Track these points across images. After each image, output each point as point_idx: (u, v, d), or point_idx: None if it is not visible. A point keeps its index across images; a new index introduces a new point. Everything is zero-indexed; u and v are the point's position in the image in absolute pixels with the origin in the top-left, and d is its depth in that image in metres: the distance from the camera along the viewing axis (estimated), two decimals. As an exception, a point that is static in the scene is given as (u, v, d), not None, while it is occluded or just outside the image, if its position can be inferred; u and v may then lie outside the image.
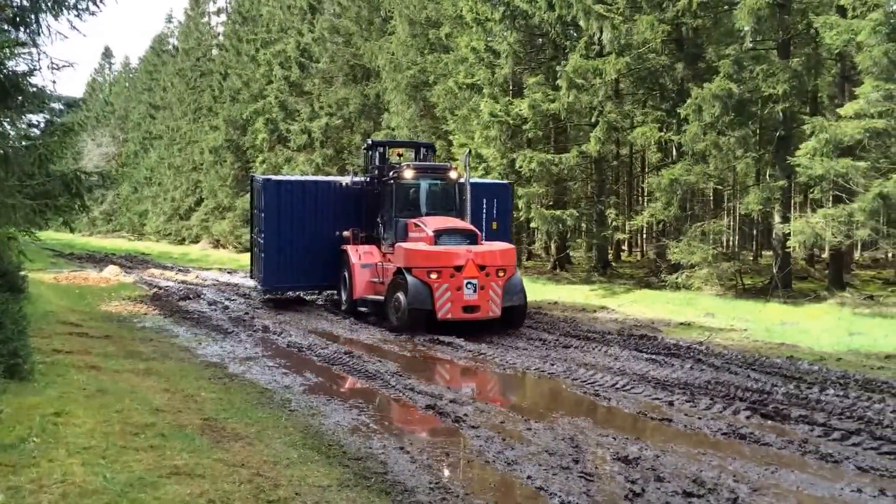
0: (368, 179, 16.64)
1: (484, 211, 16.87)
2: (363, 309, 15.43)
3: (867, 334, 12.75)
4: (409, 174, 14.98)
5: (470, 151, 18.42)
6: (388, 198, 15.44)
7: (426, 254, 13.34)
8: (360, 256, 15.52)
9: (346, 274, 15.92)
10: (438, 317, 13.12)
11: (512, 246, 14.75)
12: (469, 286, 13.16)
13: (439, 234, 13.84)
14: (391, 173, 15.33)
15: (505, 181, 19.85)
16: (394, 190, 15.18)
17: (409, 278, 13.20)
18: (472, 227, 14.54)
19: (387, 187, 15.50)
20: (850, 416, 7.85)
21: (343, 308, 16.22)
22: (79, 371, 8.83)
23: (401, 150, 17.97)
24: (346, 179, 17.13)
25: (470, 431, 7.33)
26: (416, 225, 14.33)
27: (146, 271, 26.83)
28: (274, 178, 18.17)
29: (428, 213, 14.96)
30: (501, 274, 13.49)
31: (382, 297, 14.44)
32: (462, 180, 15.29)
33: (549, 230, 22.48)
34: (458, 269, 13.17)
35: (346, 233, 16.29)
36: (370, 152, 16.93)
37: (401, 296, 13.43)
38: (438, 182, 15.58)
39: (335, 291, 17.14)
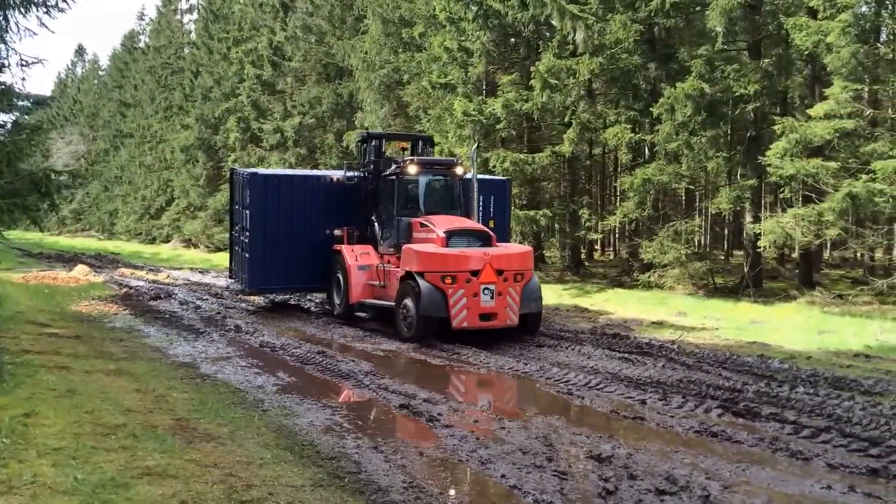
0: (363, 174, 15.41)
1: (480, 208, 15.65)
2: (362, 314, 14.43)
3: (836, 333, 12.94)
4: (412, 169, 13.89)
5: (478, 145, 17.20)
6: (387, 194, 14.42)
7: (439, 257, 12.30)
8: (357, 257, 14.53)
9: (341, 276, 14.85)
10: (453, 325, 12.08)
11: (529, 248, 13.97)
12: (486, 292, 12.18)
13: (451, 236, 12.83)
14: (394, 168, 14.22)
15: (502, 177, 18.99)
16: (395, 186, 14.10)
17: (422, 283, 12.14)
18: (484, 228, 13.66)
19: (386, 183, 14.46)
20: (819, 413, 7.95)
21: (336, 313, 15.16)
22: (48, 371, 8.70)
23: (404, 144, 16.84)
24: (337, 174, 16.13)
25: (444, 431, 7.32)
26: (423, 225, 13.34)
27: (116, 271, 26.48)
28: (261, 171, 17.10)
29: (431, 212, 13.88)
30: (519, 278, 12.53)
31: (383, 302, 13.69)
32: (469, 176, 14.29)
33: (522, 230, 22.55)
34: (475, 273, 12.16)
35: (337, 231, 15.24)
36: (365, 145, 15.68)
37: (410, 303, 12.43)
38: (443, 178, 14.56)
39: (326, 294, 16.05)
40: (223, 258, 34.70)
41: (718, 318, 14.69)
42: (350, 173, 15.73)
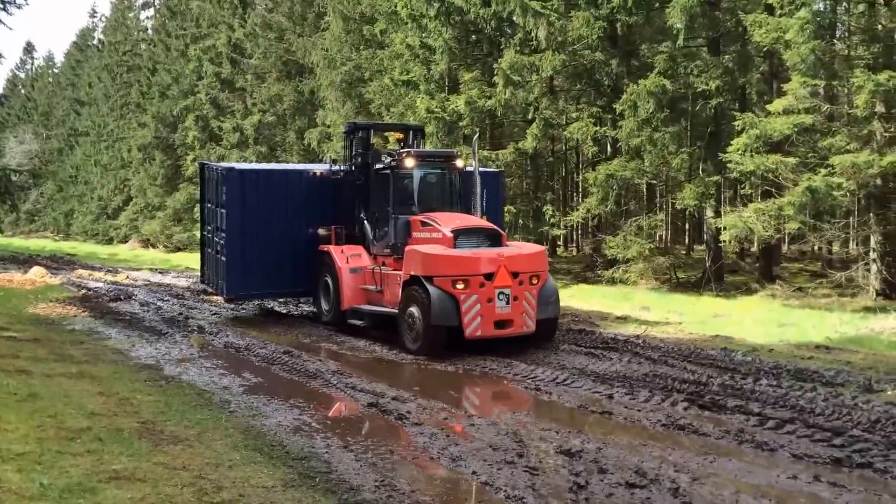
0: (350, 168, 14.21)
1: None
2: (356, 322, 13.09)
3: (797, 325, 13.16)
4: (410, 162, 12.68)
5: (480, 135, 15.88)
6: (380, 190, 13.22)
7: (449, 259, 11.16)
8: (348, 259, 13.31)
9: (329, 280, 13.62)
10: (466, 335, 10.94)
11: (543, 247, 13.05)
12: (501, 297, 11.04)
13: (458, 235, 11.73)
14: (388, 161, 13.10)
15: (495, 169, 17.94)
16: (391, 181, 12.88)
17: (432, 289, 10.96)
18: (493, 226, 12.70)
19: (380, 178, 13.30)
20: (783, 405, 8.08)
21: (325, 319, 13.97)
22: (8, 375, 8.50)
23: (399, 135, 15.39)
24: (319, 168, 14.94)
25: (413, 429, 7.31)
26: (425, 223, 12.21)
27: (74, 272, 25.92)
28: (237, 166, 15.73)
29: (430, 209, 12.72)
30: (535, 281, 11.51)
31: (381, 309, 12.63)
32: (470, 169, 13.25)
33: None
34: (489, 276, 11.05)
35: (322, 230, 14.07)
36: (351, 137, 14.31)
37: (416, 310, 11.23)
38: (442, 172, 13.42)
39: (312, 299, 14.91)
40: (183, 258, 34.37)
41: (682, 313, 14.88)
42: (336, 167, 14.55)
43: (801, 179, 15.89)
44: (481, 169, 14.19)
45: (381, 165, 13.40)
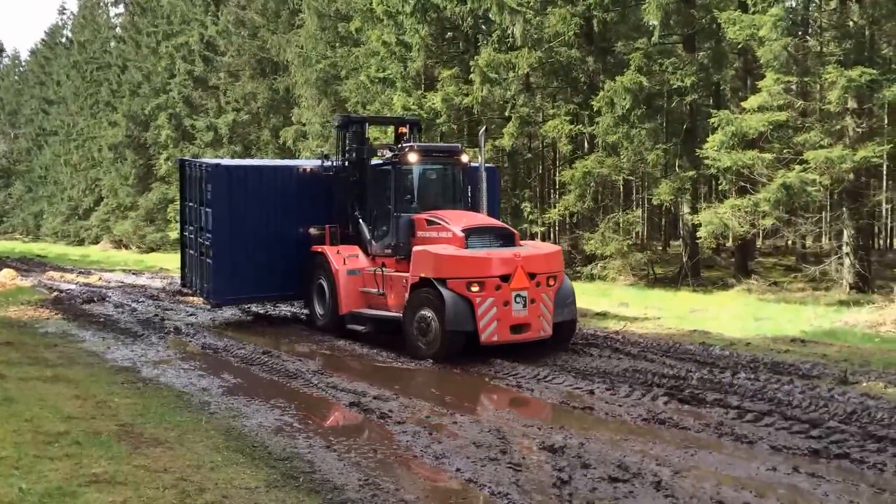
0: (342, 164, 13.46)
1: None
2: (356, 327, 12.31)
3: (773, 319, 13.34)
4: (413, 157, 12.02)
5: (486, 129, 15.15)
6: (379, 187, 12.63)
7: (463, 260, 10.58)
8: (345, 261, 12.59)
9: (324, 282, 12.87)
10: (482, 340, 10.36)
11: (558, 247, 12.67)
12: (518, 300, 10.48)
13: (469, 234, 11.17)
14: (390, 156, 12.41)
15: (491, 164, 17.41)
16: (393, 178, 12.21)
17: (446, 292, 10.38)
18: (505, 225, 12.27)
19: (379, 174, 12.71)
20: (761, 398, 8.18)
21: (320, 324, 13.13)
22: (-20, 380, 8.34)
23: (402, 129, 14.31)
24: (308, 164, 14.30)
25: (396, 427, 7.28)
26: (431, 222, 11.60)
27: (45, 274, 25.51)
28: (223, 162, 14.71)
29: (434, 207, 12.17)
30: (552, 282, 10.97)
31: (384, 313, 11.96)
32: (476, 165, 12.65)
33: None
34: (505, 278, 10.47)
35: (314, 230, 13.38)
36: (343, 131, 13.56)
37: (429, 314, 10.61)
38: (446, 167, 12.79)
39: (304, 303, 14.06)
40: (157, 259, 34.00)
41: (660, 308, 14.99)
42: (328, 163, 13.72)
43: (776, 175, 16.10)
44: (475, 164, 13.51)
45: (380, 161, 12.85)
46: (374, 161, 13.12)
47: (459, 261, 10.60)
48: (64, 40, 69.93)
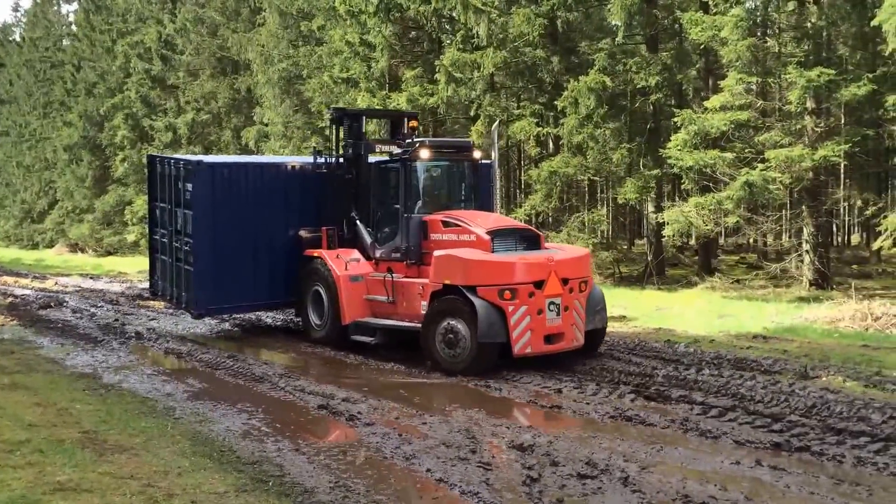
0: (337, 161, 12.45)
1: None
2: (362, 338, 11.35)
3: (735, 316, 13.58)
4: (426, 154, 11.15)
5: (500, 122, 14.50)
6: (384, 186, 11.80)
7: (495, 265, 9.84)
8: (346, 266, 11.61)
9: (322, 290, 11.82)
10: (515, 352, 9.63)
11: (587, 250, 12.09)
12: (552, 308, 9.78)
13: (494, 237, 10.38)
14: (400, 152, 11.48)
15: (487, 160, 17.32)
16: (402, 176, 11.20)
17: (477, 301, 9.56)
18: (529, 226, 11.68)
19: (383, 172, 11.87)
20: (725, 393, 8.35)
21: (317, 336, 12.05)
22: (-64, 389, 8.13)
23: (414, 122, 13.36)
24: (295, 161, 13.51)
25: (365, 429, 7.28)
26: (448, 223, 10.81)
27: (-2, 279, 24.91)
28: (206, 159, 13.51)
29: (445, 206, 11.52)
30: (583, 287, 10.34)
31: (397, 323, 11.03)
32: (488, 161, 12.00)
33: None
34: (538, 285, 9.76)
35: (304, 232, 12.51)
36: (338, 126, 12.53)
37: (459, 325, 9.72)
38: (457, 164, 12.01)
39: (296, 312, 13.03)
40: (115, 263, 33.38)
41: (626, 307, 15.14)
42: (321, 160, 12.71)
43: (738, 174, 16.37)
44: (486, 161, 12.95)
45: (383, 157, 12.17)
46: (376, 158, 12.43)
47: (490, 266, 9.83)
48: (16, 38, 68.23)
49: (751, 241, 25.31)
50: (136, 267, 27.89)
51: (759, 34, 18.18)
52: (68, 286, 22.50)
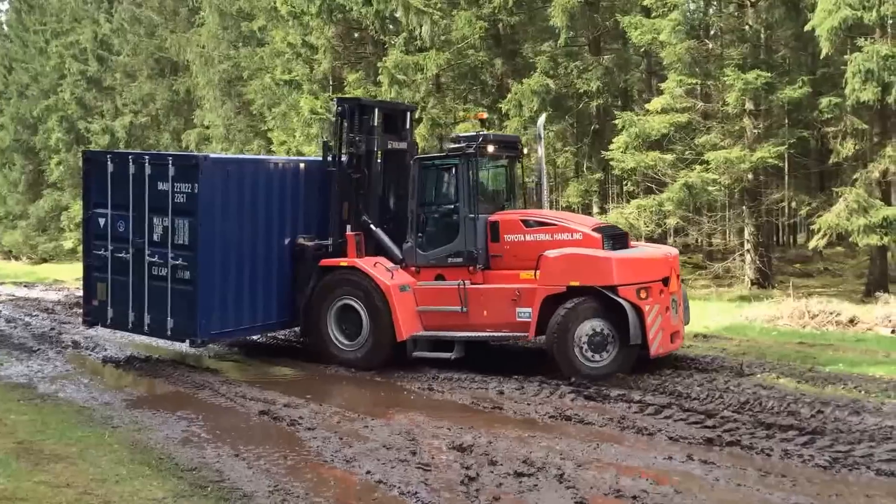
0: (347, 159, 10.93)
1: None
2: (431, 354, 10.23)
3: (678, 316, 13.91)
4: (491, 149, 10.48)
5: (546, 115, 13.86)
6: (428, 184, 10.77)
7: (629, 263, 9.45)
8: (392, 275, 10.31)
9: (358, 304, 10.38)
10: (651, 353, 9.22)
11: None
12: (673, 305, 9.59)
13: (604, 236, 9.82)
14: (465, 147, 10.33)
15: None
16: (464, 173, 10.23)
17: (623, 301, 9.02)
18: (616, 225, 11.44)
19: (430, 170, 10.81)
20: (662, 391, 8.58)
21: (348, 357, 10.47)
22: None
23: (482, 115, 12.50)
24: (287, 160, 12.22)
25: (307, 433, 7.28)
26: (529, 223, 10.02)
27: (-76, 287, 23.98)
28: (212, 156, 11.78)
29: (497, 205, 10.84)
30: (680, 286, 10.26)
31: (473, 334, 10.12)
32: (536, 157, 11.44)
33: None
34: (665, 282, 9.51)
35: (302, 240, 11.04)
36: (344, 120, 10.98)
37: (605, 328, 9.22)
38: (510, 161, 11.34)
39: (303, 331, 11.24)
40: (50, 270, 32.39)
41: (568, 308, 15.37)
42: (331, 157, 11.17)
43: (678, 176, 16.74)
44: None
45: (436, 153, 11.61)
46: (426, 154, 11.79)
47: (628, 264, 9.42)
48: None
49: (696, 241, 25.88)
50: (73, 274, 27.06)
51: (699, 37, 18.56)
52: (1, 295, 21.77)
